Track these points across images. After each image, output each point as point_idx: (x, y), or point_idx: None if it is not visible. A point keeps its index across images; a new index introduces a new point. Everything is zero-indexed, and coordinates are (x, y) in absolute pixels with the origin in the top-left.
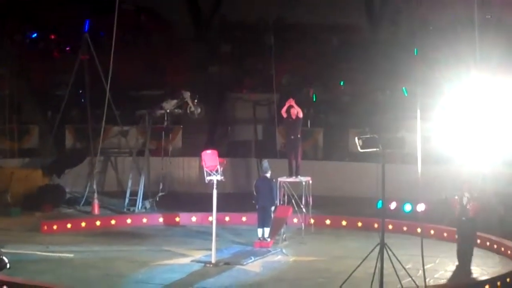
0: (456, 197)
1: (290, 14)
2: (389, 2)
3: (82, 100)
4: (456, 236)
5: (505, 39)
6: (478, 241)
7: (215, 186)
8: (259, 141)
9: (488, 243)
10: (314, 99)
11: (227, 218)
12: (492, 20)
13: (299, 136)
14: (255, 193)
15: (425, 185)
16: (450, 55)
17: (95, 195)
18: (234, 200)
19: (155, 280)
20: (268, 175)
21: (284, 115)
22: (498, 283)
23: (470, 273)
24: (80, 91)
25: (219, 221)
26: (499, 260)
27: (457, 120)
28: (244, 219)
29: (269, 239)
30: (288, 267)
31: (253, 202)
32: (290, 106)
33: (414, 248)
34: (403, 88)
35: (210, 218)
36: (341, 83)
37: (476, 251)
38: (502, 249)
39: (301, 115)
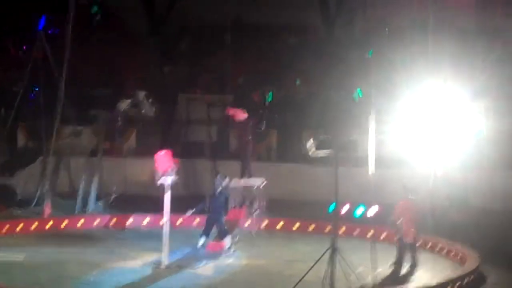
0: (401, 202)
1: (248, 13)
2: (344, 2)
3: (36, 98)
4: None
5: (456, 42)
6: (429, 244)
7: (168, 188)
8: (213, 142)
9: (438, 247)
10: (270, 99)
11: (179, 221)
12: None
13: (250, 138)
14: (207, 208)
15: (378, 188)
16: (406, 57)
17: (47, 196)
18: (187, 202)
19: (106, 282)
20: (219, 190)
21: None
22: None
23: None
24: (35, 89)
25: (172, 224)
26: (448, 265)
27: (411, 124)
28: (196, 221)
29: (232, 250)
30: (240, 270)
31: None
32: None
33: (365, 252)
34: (358, 89)
35: (162, 221)
36: (297, 82)
37: (426, 255)
38: (453, 253)
39: (241, 116)
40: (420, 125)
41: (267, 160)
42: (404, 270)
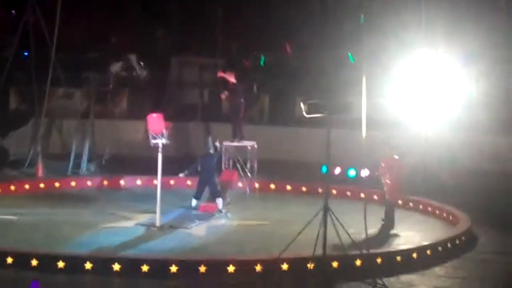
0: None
1: None
2: None
3: (27, 62)
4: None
5: (448, 8)
6: (420, 206)
7: (160, 150)
8: (205, 104)
9: (429, 209)
10: (262, 63)
11: (172, 182)
12: None
13: (242, 100)
14: (199, 169)
15: (371, 150)
16: (398, 23)
17: (40, 157)
18: (179, 163)
19: (99, 242)
20: (211, 151)
21: (223, 96)
22: (440, 248)
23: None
24: (26, 53)
25: (164, 185)
26: (440, 226)
27: (404, 88)
28: (189, 183)
29: (224, 211)
30: (232, 231)
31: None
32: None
33: (357, 213)
34: (349, 53)
35: (155, 182)
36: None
37: (417, 216)
38: (444, 214)
39: (232, 79)
40: (412, 90)
41: (260, 123)
42: (396, 229)
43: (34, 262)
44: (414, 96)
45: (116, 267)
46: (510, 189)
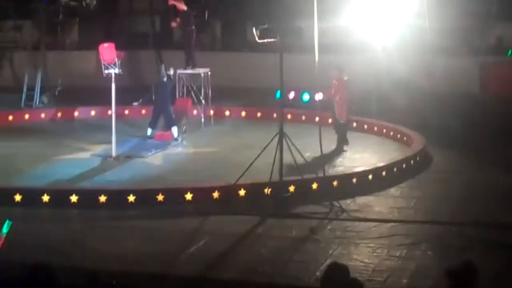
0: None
1: None
2: None
3: None
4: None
5: None
6: (375, 128)
7: (113, 80)
8: (157, 32)
9: (384, 130)
10: None
11: (126, 112)
12: None
13: (193, 27)
14: (153, 98)
15: (323, 74)
16: None
17: None
18: (133, 93)
19: (55, 174)
20: (164, 79)
21: (174, 24)
22: (395, 169)
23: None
24: None
25: (119, 115)
26: (394, 147)
27: (356, 11)
28: (143, 112)
29: (180, 139)
30: (189, 159)
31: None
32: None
33: (312, 137)
34: None
35: (109, 112)
36: None
37: (372, 138)
38: (398, 136)
39: (183, 7)
40: (365, 13)
41: (212, 50)
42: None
43: None
44: (368, 18)
45: (74, 198)
46: (463, 110)
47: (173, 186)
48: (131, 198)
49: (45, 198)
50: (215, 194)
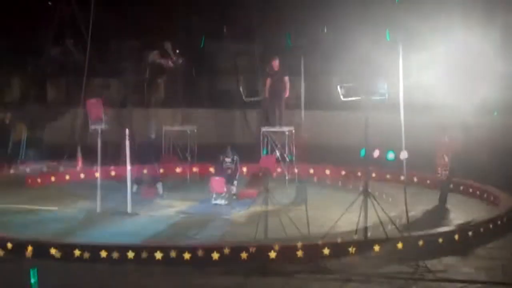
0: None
1: None
2: None
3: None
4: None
5: None
6: (461, 187)
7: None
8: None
9: (470, 190)
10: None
11: (211, 169)
12: None
13: (282, 86)
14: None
15: (408, 133)
16: (436, 3)
17: (78, 148)
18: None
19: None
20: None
21: (267, 93)
22: (481, 229)
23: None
24: (62, 43)
25: (203, 172)
26: (482, 207)
27: (440, 70)
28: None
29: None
30: (273, 217)
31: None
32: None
33: (397, 196)
34: (387, 30)
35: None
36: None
37: (460, 198)
38: (485, 195)
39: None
40: (449, 71)
41: (296, 107)
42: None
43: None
44: (452, 78)
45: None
46: None
47: (259, 244)
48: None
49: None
50: (299, 253)
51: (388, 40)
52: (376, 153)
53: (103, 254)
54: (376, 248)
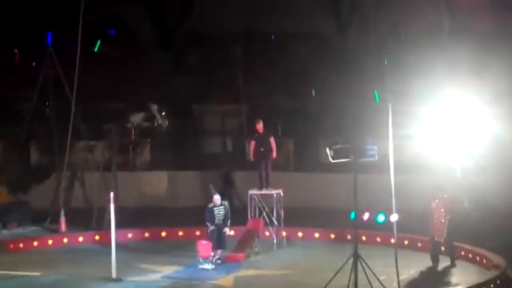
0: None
1: (258, 23)
2: (357, 7)
3: (47, 115)
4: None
5: (475, 47)
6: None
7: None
8: (229, 153)
9: (462, 253)
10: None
11: (197, 232)
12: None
13: (269, 148)
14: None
15: (398, 194)
16: (424, 63)
17: (62, 211)
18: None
19: None
20: (219, 202)
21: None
22: None
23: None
24: (46, 105)
25: (189, 236)
26: (474, 270)
27: (431, 129)
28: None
29: (220, 261)
30: (260, 281)
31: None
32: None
33: (388, 259)
34: (376, 92)
35: (180, 233)
36: (313, 93)
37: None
38: (477, 258)
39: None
40: (439, 130)
41: (285, 169)
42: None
43: None
44: (441, 136)
45: None
46: None
47: None
48: None
49: None
50: None
51: (377, 102)
52: (366, 216)
53: None
54: None
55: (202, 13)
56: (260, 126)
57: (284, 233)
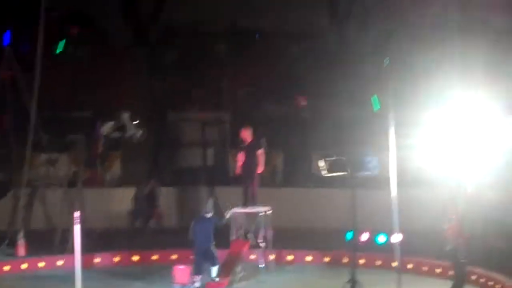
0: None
1: (244, 19)
2: (356, 2)
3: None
4: None
5: (489, 45)
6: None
7: None
8: (209, 166)
9: (474, 277)
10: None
11: (174, 256)
12: (476, 23)
13: (255, 161)
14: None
15: (401, 212)
16: (430, 63)
17: (21, 233)
18: (182, 235)
19: None
20: (208, 215)
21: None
22: None
23: None
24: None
25: (163, 260)
26: None
27: (437, 138)
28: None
29: (217, 279)
30: None
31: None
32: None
33: (389, 285)
34: (374, 97)
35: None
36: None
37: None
38: (491, 283)
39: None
40: (447, 139)
41: (272, 185)
42: None
43: None
44: (449, 147)
45: None
46: None
47: None
48: None
49: None
50: None
51: (377, 110)
52: (364, 236)
53: None
54: None
55: (180, 7)
56: (247, 135)
57: (272, 256)
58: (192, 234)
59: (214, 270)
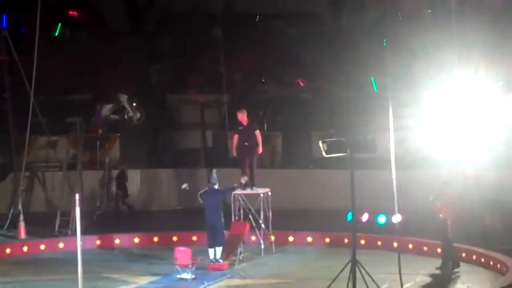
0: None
1: (241, 1)
2: None
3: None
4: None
5: (487, 24)
6: (463, 254)
7: None
8: (209, 148)
9: (474, 257)
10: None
11: (174, 238)
12: (473, 4)
13: (253, 142)
14: (200, 201)
15: (401, 192)
16: (427, 43)
17: (21, 216)
18: (183, 216)
19: None
20: (216, 187)
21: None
22: None
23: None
24: (1, 96)
25: (166, 242)
26: (487, 276)
27: (436, 118)
28: (194, 238)
29: (221, 261)
30: None
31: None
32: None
33: (390, 265)
34: (372, 79)
35: (155, 239)
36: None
37: (462, 266)
38: (491, 263)
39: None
40: (446, 120)
41: (271, 166)
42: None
43: None
44: (448, 127)
45: None
46: None
47: None
48: None
49: None
50: None
51: (375, 90)
52: (365, 217)
53: None
54: None
55: None
56: (243, 117)
57: (272, 238)
58: (202, 201)
59: (219, 251)
